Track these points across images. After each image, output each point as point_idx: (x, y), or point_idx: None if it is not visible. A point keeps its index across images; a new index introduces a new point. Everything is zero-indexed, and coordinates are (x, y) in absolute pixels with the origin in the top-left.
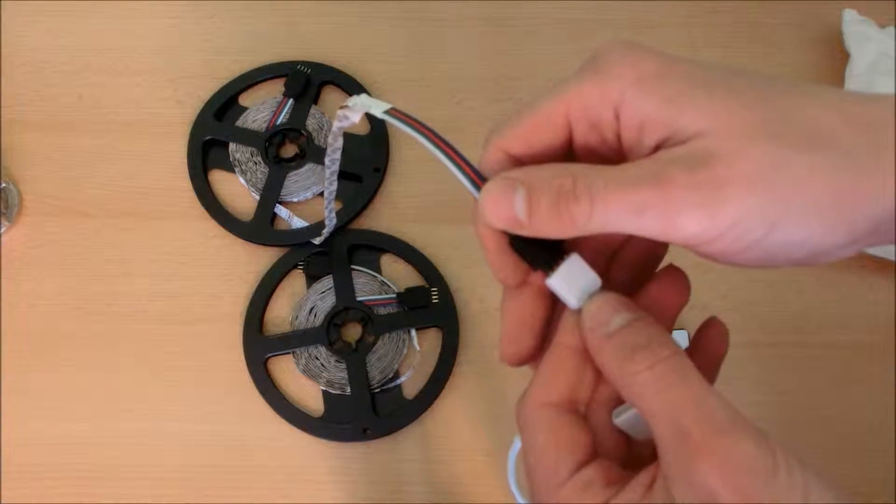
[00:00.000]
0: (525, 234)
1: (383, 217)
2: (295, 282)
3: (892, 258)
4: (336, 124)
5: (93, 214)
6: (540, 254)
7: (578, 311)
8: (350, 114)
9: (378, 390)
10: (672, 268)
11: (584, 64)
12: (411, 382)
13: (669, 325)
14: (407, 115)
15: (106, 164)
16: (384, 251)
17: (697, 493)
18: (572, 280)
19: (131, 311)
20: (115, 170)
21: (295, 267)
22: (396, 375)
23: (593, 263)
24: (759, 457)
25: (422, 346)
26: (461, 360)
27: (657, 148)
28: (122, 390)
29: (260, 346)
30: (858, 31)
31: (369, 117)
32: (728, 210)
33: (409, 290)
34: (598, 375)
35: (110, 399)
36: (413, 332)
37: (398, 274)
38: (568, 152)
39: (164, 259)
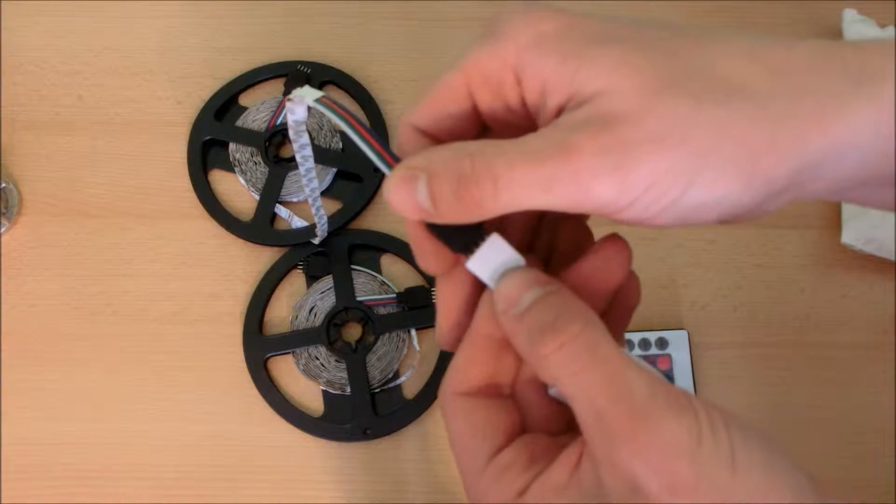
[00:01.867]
0: (435, 222)
1: (383, 217)
2: (295, 282)
3: (892, 258)
4: (288, 118)
5: (93, 214)
6: (458, 237)
7: None
8: (294, 107)
9: (378, 390)
10: (611, 238)
11: (482, 30)
12: (411, 382)
13: (603, 300)
14: (335, 103)
15: (106, 164)
16: (384, 251)
17: (621, 478)
18: (492, 261)
19: (131, 311)
20: (115, 170)
21: (295, 267)
22: (396, 375)
23: (523, 240)
24: (680, 432)
25: (422, 346)
26: None
27: (560, 110)
28: (122, 390)
29: (260, 346)
30: (858, 31)
31: (371, 117)
32: (640, 173)
33: (409, 290)
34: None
35: (110, 399)
36: (413, 332)
37: (398, 274)
38: (478, 123)
39: (164, 259)
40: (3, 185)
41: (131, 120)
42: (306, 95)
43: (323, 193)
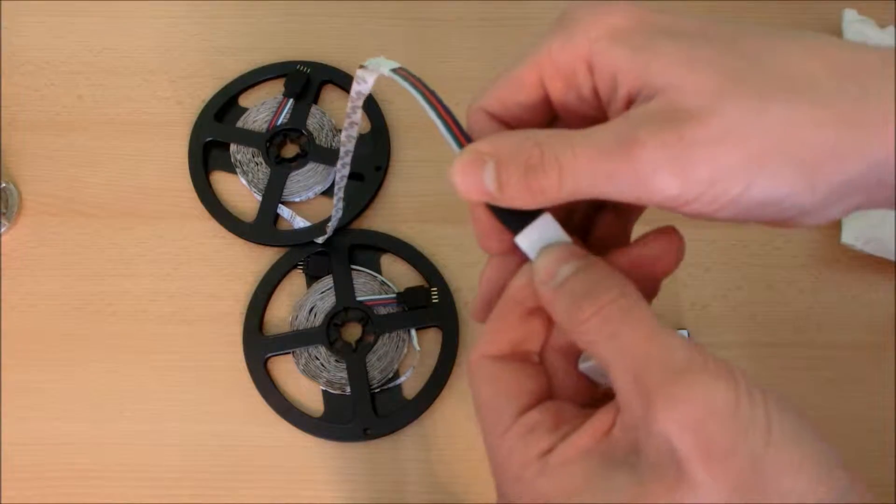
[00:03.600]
0: (498, 205)
1: (383, 217)
2: (295, 282)
3: (892, 258)
4: (354, 88)
5: (93, 214)
6: (515, 216)
7: None
8: (366, 75)
9: (378, 390)
10: (665, 230)
11: (554, 23)
12: (411, 382)
13: (653, 288)
14: (412, 75)
15: (106, 164)
16: (384, 251)
17: (656, 441)
18: (540, 238)
19: (131, 311)
20: (115, 170)
21: (295, 267)
22: (396, 375)
23: (558, 217)
24: (718, 394)
25: (422, 346)
26: (461, 360)
27: (630, 102)
28: (122, 390)
29: (260, 346)
30: (858, 31)
31: (371, 116)
32: (701, 171)
33: (409, 290)
34: (551, 324)
35: (110, 399)
36: (413, 332)
37: (398, 274)
38: (549, 112)
39: (164, 259)
40: (3, 185)
41: (131, 120)
42: (381, 65)
43: (324, 193)
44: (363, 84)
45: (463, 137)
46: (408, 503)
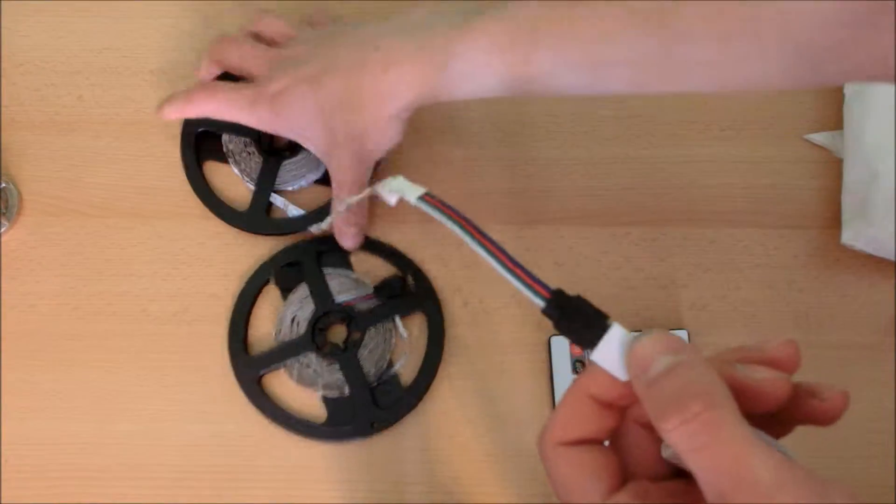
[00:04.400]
0: (562, 328)
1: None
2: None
3: (892, 258)
4: (380, 195)
5: (93, 214)
6: (586, 334)
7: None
8: (386, 195)
9: (376, 384)
10: (784, 343)
11: None
12: (406, 369)
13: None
14: (442, 203)
15: (106, 164)
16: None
17: None
18: (615, 350)
19: (131, 311)
20: (115, 170)
21: (266, 283)
22: (391, 365)
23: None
24: None
25: (409, 332)
26: (451, 337)
27: None
28: (121, 390)
29: (249, 365)
30: None
31: None
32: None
33: (384, 282)
34: (629, 405)
35: (110, 399)
36: (398, 320)
37: (371, 268)
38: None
39: (164, 259)
40: (3, 185)
41: (131, 120)
42: (405, 191)
43: (317, 182)
44: (386, 199)
45: (542, 288)
46: (415, 498)
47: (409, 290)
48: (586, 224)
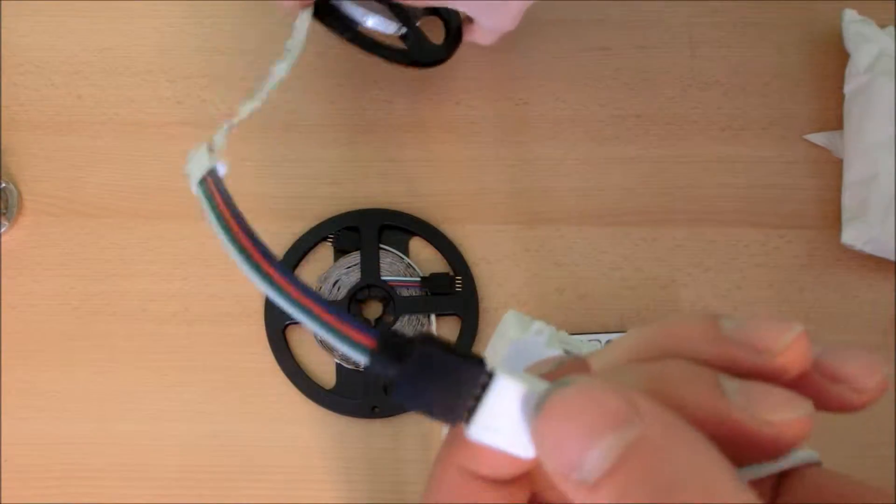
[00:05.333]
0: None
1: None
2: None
3: (892, 258)
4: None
5: (93, 214)
6: (444, 393)
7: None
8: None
9: None
10: (797, 339)
11: None
12: None
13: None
14: (218, 191)
15: (106, 164)
16: (414, 234)
17: None
18: (505, 413)
19: (131, 311)
20: (115, 170)
21: (324, 240)
22: None
23: None
24: None
25: (440, 333)
26: (477, 349)
27: None
28: (122, 390)
29: (281, 312)
30: (858, 31)
31: None
32: None
33: (434, 276)
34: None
35: (110, 399)
36: (433, 318)
37: (425, 259)
38: None
39: (164, 259)
40: (3, 185)
41: (131, 120)
42: (196, 162)
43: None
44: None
45: (363, 335)
46: (422, 490)
47: (455, 291)
48: (586, 224)
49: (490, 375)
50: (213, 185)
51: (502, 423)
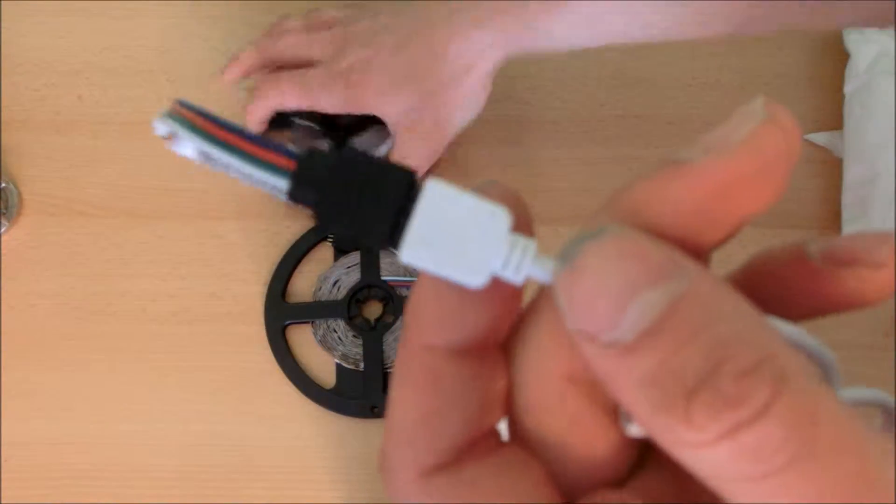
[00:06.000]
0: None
1: None
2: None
3: None
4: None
5: (93, 214)
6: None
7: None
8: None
9: (391, 370)
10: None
11: None
12: None
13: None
14: (195, 112)
15: (106, 164)
16: None
17: None
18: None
19: (131, 311)
20: (115, 170)
21: (324, 239)
22: None
23: None
24: None
25: None
26: None
27: None
28: (122, 390)
29: (281, 312)
30: (858, 31)
31: None
32: None
33: None
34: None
35: (110, 399)
36: None
37: None
38: None
39: (164, 259)
40: (3, 185)
41: (131, 120)
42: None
43: None
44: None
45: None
46: None
47: None
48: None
49: (418, 184)
50: (184, 110)
51: (437, 239)
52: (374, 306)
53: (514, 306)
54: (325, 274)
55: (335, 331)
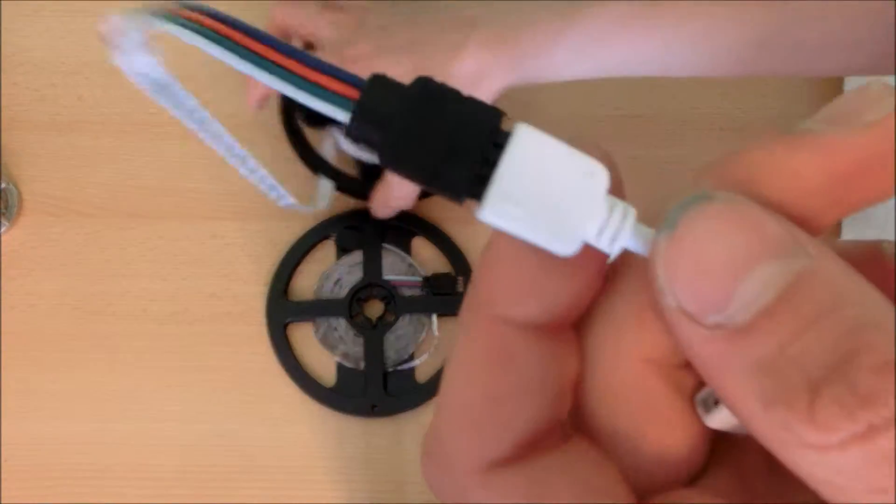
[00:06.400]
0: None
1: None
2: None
3: None
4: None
5: (93, 214)
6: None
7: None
8: (120, 53)
9: (391, 370)
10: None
11: None
12: (425, 367)
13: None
14: (200, 12)
15: (106, 164)
16: (416, 234)
17: None
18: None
19: (131, 311)
20: (115, 170)
21: (326, 237)
22: (411, 358)
23: None
24: None
25: (441, 333)
26: None
27: None
28: (122, 390)
29: (283, 309)
30: None
31: None
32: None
33: (436, 276)
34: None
35: (110, 399)
36: (434, 318)
37: (427, 258)
38: None
39: (164, 259)
40: (3, 185)
41: (131, 120)
42: (130, 23)
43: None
44: (132, 66)
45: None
46: (421, 489)
47: (457, 292)
48: None
49: (506, 128)
50: (194, 14)
51: (526, 195)
52: (376, 305)
53: (598, 280)
54: (327, 272)
55: (336, 329)
